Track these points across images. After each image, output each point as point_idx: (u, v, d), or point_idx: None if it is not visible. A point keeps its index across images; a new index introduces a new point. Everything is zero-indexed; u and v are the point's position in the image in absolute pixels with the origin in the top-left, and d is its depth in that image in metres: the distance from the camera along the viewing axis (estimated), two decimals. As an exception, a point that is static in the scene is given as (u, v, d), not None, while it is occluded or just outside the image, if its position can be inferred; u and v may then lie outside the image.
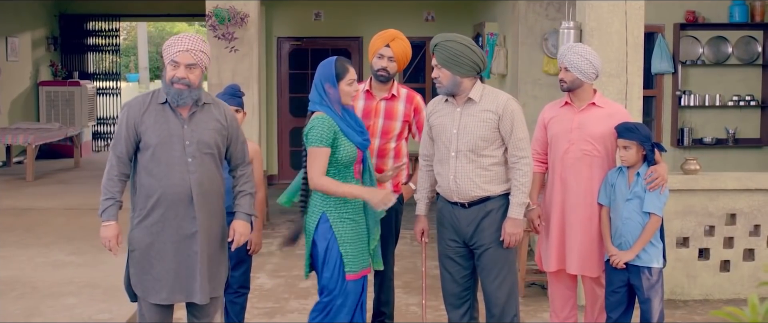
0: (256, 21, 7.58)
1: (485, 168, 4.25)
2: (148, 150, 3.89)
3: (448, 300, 4.49)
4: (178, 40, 3.90)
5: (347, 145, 4.14)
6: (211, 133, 3.98)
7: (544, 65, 8.72)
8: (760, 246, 6.09)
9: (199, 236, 3.93)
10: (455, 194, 4.30)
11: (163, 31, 27.32)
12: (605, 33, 5.80)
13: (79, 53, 14.97)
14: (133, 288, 3.98)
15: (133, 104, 3.96)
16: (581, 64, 4.53)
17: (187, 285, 3.95)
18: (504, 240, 4.25)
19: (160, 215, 3.90)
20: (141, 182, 3.93)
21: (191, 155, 3.91)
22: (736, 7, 9.49)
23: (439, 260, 4.47)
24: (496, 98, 4.27)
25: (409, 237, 8.05)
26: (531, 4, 8.66)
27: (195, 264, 3.94)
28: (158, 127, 3.89)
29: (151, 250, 3.92)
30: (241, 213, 4.13)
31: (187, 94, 3.88)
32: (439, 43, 4.26)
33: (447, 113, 4.33)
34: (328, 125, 4.10)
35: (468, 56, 4.22)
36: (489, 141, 4.23)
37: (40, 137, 11.81)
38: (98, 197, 3.98)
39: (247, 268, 4.73)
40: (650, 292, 4.46)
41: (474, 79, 4.28)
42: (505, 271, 4.30)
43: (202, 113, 3.98)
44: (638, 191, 4.45)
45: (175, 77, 3.86)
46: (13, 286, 6.14)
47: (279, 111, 12.00)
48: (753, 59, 9.66)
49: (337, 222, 4.14)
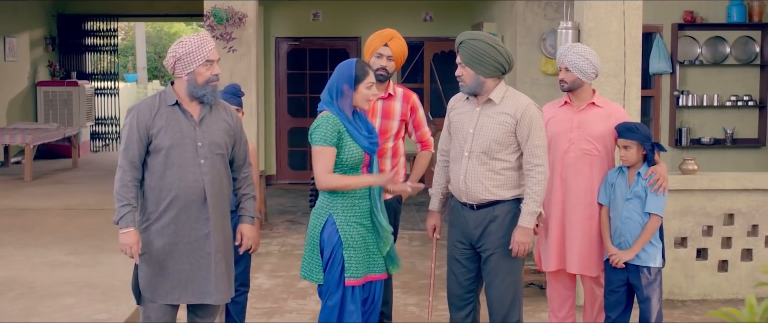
0: (255, 21, 7.58)
1: (496, 172, 4.19)
2: (159, 153, 3.87)
3: (451, 301, 4.46)
4: (203, 39, 3.90)
5: (353, 147, 4.09)
6: (221, 134, 3.99)
7: (542, 65, 8.72)
8: (758, 246, 6.09)
9: (212, 237, 3.94)
10: (464, 195, 4.27)
11: (161, 31, 27.27)
12: (603, 33, 5.80)
13: (77, 53, 14.96)
14: (143, 291, 3.94)
15: (142, 107, 3.92)
16: (582, 64, 4.53)
17: (201, 286, 3.95)
18: (512, 249, 4.18)
19: (172, 217, 3.88)
20: (152, 185, 3.90)
21: (204, 156, 3.91)
22: (733, 8, 9.50)
23: (447, 260, 4.44)
24: (516, 101, 4.19)
25: (408, 237, 8.05)
26: (529, 5, 8.66)
27: (209, 264, 3.94)
28: (171, 129, 3.88)
29: (163, 252, 3.90)
30: (246, 217, 4.16)
31: (218, 90, 4.01)
32: (464, 41, 4.20)
33: (466, 111, 4.28)
34: (333, 124, 4.05)
35: (493, 56, 4.15)
36: (503, 145, 4.16)
37: (38, 137, 11.80)
38: (97, 198, 3.98)
39: (246, 266, 4.74)
40: (649, 292, 4.46)
41: (498, 80, 4.22)
42: (510, 277, 4.26)
43: (211, 114, 3.99)
44: (638, 190, 4.45)
45: (213, 75, 3.90)
46: (10, 286, 6.14)
47: (277, 111, 12.00)
48: (751, 59, 9.67)
49: (344, 226, 4.09)
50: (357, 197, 4.12)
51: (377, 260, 4.21)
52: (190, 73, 3.89)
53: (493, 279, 4.27)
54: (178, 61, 3.89)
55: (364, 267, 4.14)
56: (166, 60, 3.96)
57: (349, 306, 4.13)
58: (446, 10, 11.92)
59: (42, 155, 13.33)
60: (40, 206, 9.43)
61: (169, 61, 3.92)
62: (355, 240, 4.10)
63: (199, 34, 3.95)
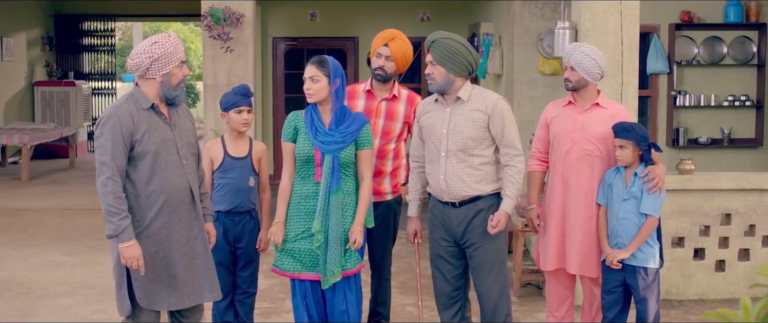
0: (252, 21, 7.57)
1: (475, 168, 4.26)
2: (145, 158, 3.78)
3: (439, 300, 4.50)
4: (176, 40, 3.85)
5: (303, 142, 4.27)
6: (191, 133, 4.03)
7: (539, 65, 8.72)
8: (755, 246, 6.10)
9: (200, 236, 3.95)
10: (446, 194, 4.31)
11: (159, 31, 27.29)
12: (600, 33, 5.81)
13: (74, 53, 14.95)
14: (139, 300, 3.83)
15: (120, 113, 3.76)
16: (587, 64, 4.53)
17: (196, 287, 3.94)
18: (490, 226, 4.23)
19: (164, 222, 3.83)
20: (137, 192, 3.79)
21: (184, 157, 3.90)
22: (731, 8, 9.50)
23: (431, 260, 4.49)
24: (485, 97, 4.28)
25: (405, 238, 8.04)
26: (526, 5, 8.66)
27: (201, 263, 3.95)
28: (154, 133, 3.81)
29: (157, 258, 3.84)
30: (208, 215, 4.16)
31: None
32: (437, 39, 4.27)
33: (437, 113, 4.34)
34: (291, 120, 4.36)
35: (464, 56, 4.24)
36: (478, 141, 4.24)
37: (35, 138, 11.79)
38: (94, 198, 3.95)
39: (255, 268, 4.77)
40: (646, 292, 4.46)
41: (465, 80, 4.30)
42: (496, 269, 4.32)
43: (178, 115, 3.96)
44: (635, 191, 4.45)
45: (184, 77, 3.88)
46: (8, 287, 6.13)
47: (275, 111, 11.99)
48: (748, 59, 9.67)
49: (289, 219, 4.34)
50: (304, 196, 4.31)
51: (314, 260, 4.30)
52: (166, 74, 3.82)
53: (480, 272, 4.33)
54: (155, 61, 3.78)
55: (294, 262, 4.30)
56: (138, 61, 3.79)
57: (293, 300, 4.41)
58: (444, 11, 11.92)
59: (39, 155, 13.32)
60: (37, 207, 9.42)
61: (144, 62, 3.78)
62: (290, 234, 4.32)
63: (169, 34, 3.87)
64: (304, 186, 4.32)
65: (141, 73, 3.83)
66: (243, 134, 4.69)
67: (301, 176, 4.32)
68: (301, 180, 4.33)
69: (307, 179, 4.31)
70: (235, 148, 4.62)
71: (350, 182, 4.34)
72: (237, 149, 4.62)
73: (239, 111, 4.59)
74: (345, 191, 4.30)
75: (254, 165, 4.69)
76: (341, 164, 4.27)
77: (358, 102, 4.81)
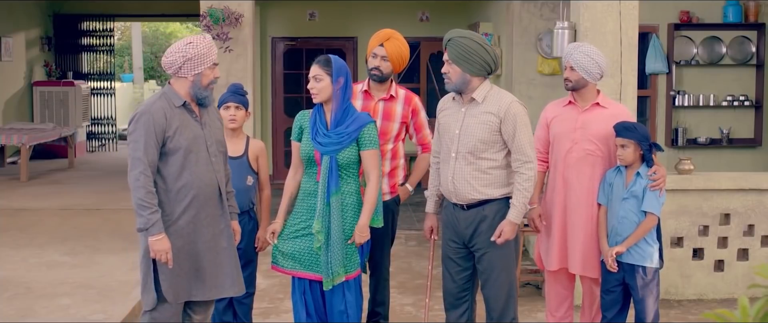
0: (251, 21, 7.57)
1: (484, 171, 4.20)
2: (176, 154, 3.87)
3: (446, 300, 4.48)
4: (210, 42, 3.94)
5: (305, 141, 4.34)
6: (220, 132, 4.12)
7: (538, 65, 8.73)
8: (753, 246, 6.10)
9: (225, 231, 4.04)
10: (454, 196, 4.28)
11: (157, 31, 27.21)
12: (599, 33, 5.81)
13: (73, 53, 14.94)
14: (165, 293, 3.89)
15: (154, 110, 3.86)
16: (587, 64, 4.52)
17: (218, 281, 4.02)
18: (496, 235, 4.18)
19: (192, 217, 3.92)
20: (167, 187, 3.89)
21: (213, 154, 4.00)
22: (730, 8, 9.51)
23: (442, 259, 4.47)
24: (499, 99, 4.20)
25: (404, 238, 8.05)
26: (525, 5, 8.66)
27: (225, 258, 4.03)
28: (185, 129, 3.91)
29: (183, 252, 3.92)
30: (234, 213, 4.27)
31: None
32: (453, 38, 4.21)
33: (452, 112, 4.31)
34: (298, 119, 4.42)
35: (480, 55, 4.17)
36: (488, 144, 4.18)
37: (34, 138, 11.77)
38: (93, 198, 3.97)
39: (254, 268, 4.79)
40: (645, 292, 4.46)
41: (483, 79, 4.24)
42: (504, 275, 4.28)
43: (208, 114, 4.06)
44: (635, 190, 4.45)
45: (215, 78, 3.97)
46: (6, 287, 6.13)
47: (274, 111, 11.99)
48: (747, 59, 9.68)
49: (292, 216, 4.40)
50: (307, 193, 4.35)
51: (313, 260, 4.30)
52: (197, 74, 3.91)
53: (488, 277, 4.30)
54: (188, 61, 3.88)
55: (294, 261, 4.33)
56: (171, 59, 3.90)
57: (293, 297, 4.42)
58: (442, 10, 11.92)
59: (38, 155, 13.31)
60: (36, 207, 9.42)
61: (177, 61, 3.88)
62: (290, 231, 4.35)
63: (204, 37, 3.99)
64: (308, 183, 4.39)
65: (173, 72, 3.93)
66: (238, 132, 4.68)
67: (308, 173, 4.40)
68: (307, 177, 4.41)
69: (312, 177, 4.37)
70: (230, 147, 4.58)
71: (352, 183, 4.32)
72: (232, 148, 4.59)
73: (226, 107, 4.60)
74: (345, 192, 4.29)
75: (251, 164, 4.69)
76: (341, 165, 4.26)
77: (356, 103, 4.81)
